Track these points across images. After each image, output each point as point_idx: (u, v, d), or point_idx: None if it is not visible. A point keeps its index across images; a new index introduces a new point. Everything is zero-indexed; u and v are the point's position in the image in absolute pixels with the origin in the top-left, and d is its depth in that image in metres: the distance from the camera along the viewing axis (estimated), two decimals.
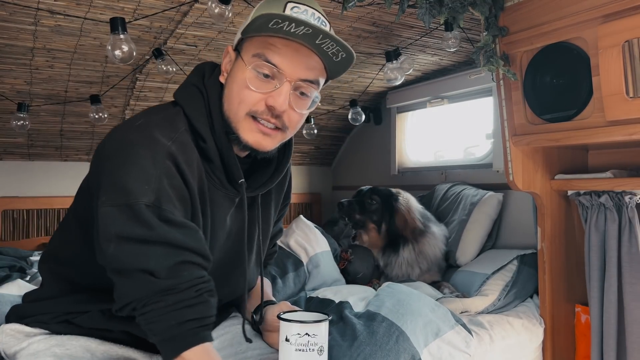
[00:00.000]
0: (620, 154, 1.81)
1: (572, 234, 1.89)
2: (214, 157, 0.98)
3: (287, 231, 2.27)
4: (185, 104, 1.00)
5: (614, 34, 1.35)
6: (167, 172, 0.91)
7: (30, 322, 1.04)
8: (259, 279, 1.29)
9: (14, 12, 1.76)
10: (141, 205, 0.87)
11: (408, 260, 2.22)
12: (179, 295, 0.86)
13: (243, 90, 0.95)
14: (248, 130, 0.97)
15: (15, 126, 2.45)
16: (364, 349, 1.36)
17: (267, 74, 0.94)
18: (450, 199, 2.58)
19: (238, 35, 0.99)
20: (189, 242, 0.90)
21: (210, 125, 0.98)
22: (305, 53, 0.95)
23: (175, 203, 0.91)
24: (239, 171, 1.00)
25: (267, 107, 0.95)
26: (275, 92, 0.94)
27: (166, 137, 0.93)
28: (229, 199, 1.03)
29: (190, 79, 1.04)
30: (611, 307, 1.63)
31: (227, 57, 1.01)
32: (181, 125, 0.97)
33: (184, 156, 0.93)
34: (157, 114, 1.00)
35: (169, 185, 0.90)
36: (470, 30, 2.05)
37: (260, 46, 0.94)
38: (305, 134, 3.09)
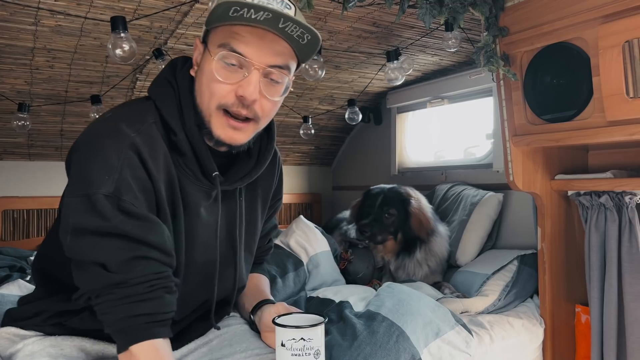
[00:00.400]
0: (621, 154, 1.82)
1: (572, 234, 1.89)
2: (186, 150, 0.97)
3: (287, 231, 2.27)
4: (156, 97, 0.99)
5: (614, 34, 1.35)
6: (130, 163, 0.90)
7: (25, 325, 1.04)
8: (256, 278, 1.29)
9: (14, 12, 1.76)
10: (99, 195, 0.87)
11: (419, 259, 2.21)
12: (130, 290, 0.87)
13: (212, 83, 0.94)
14: (219, 126, 0.96)
15: (16, 126, 2.46)
16: (364, 349, 1.36)
17: (234, 64, 0.92)
18: (451, 199, 2.58)
19: (204, 27, 0.97)
20: (147, 235, 0.89)
21: (181, 118, 0.97)
22: (271, 38, 0.93)
23: (137, 194, 0.90)
24: (212, 164, 0.99)
25: (237, 98, 0.93)
26: (244, 81, 0.92)
27: (131, 129, 0.92)
28: (204, 192, 1.02)
29: (162, 73, 1.03)
30: (611, 307, 1.63)
31: (197, 50, 0.99)
32: (150, 117, 0.96)
33: (148, 148, 0.92)
34: (128, 107, 1.00)
35: (131, 176, 0.90)
36: (470, 30, 2.05)
37: (224, 36, 0.92)
38: (302, 134, 3.10)
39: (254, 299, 1.20)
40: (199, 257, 1.04)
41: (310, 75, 2.01)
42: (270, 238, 1.34)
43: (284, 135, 3.51)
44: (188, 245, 1.01)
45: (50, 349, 0.98)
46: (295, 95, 3.04)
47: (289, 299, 1.83)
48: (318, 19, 1.96)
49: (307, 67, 2.01)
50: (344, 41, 2.22)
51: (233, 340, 1.11)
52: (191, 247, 1.02)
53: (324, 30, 2.08)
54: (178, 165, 0.98)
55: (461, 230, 2.35)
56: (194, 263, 1.04)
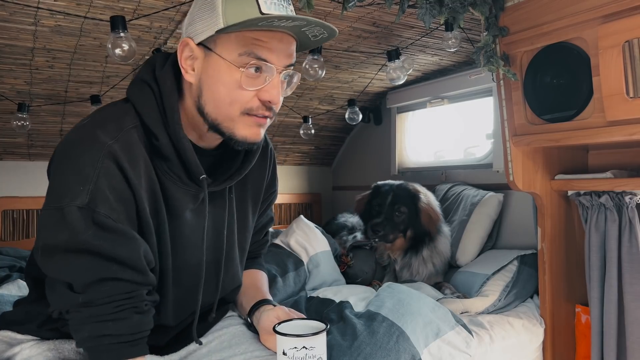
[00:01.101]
0: (621, 154, 1.82)
1: (572, 234, 1.89)
2: (169, 155, 0.94)
3: (288, 231, 2.27)
4: (135, 101, 0.96)
5: (614, 34, 1.35)
6: (106, 172, 0.87)
7: (21, 330, 1.03)
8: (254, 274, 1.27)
9: (14, 12, 1.75)
10: (73, 207, 0.84)
11: (424, 257, 2.21)
12: (95, 309, 0.86)
13: (235, 92, 0.91)
14: (245, 126, 0.94)
15: (16, 126, 2.46)
16: (364, 349, 1.36)
17: (257, 68, 0.91)
18: (451, 199, 2.58)
19: (206, 31, 0.91)
20: (119, 252, 0.86)
21: (164, 121, 0.94)
22: (287, 40, 0.93)
23: (114, 205, 0.87)
24: (199, 167, 0.96)
25: (261, 102, 0.93)
26: (268, 86, 0.92)
27: (108, 136, 0.89)
28: (191, 196, 1.00)
29: (140, 74, 1.00)
30: (611, 307, 1.63)
31: (187, 52, 0.94)
32: (129, 122, 0.93)
33: (127, 155, 0.89)
34: (106, 111, 0.97)
35: (108, 186, 0.87)
36: (470, 30, 2.05)
37: (244, 43, 0.89)
38: (302, 134, 3.09)
39: (252, 298, 1.19)
40: (189, 260, 1.02)
41: (311, 75, 2.01)
42: (266, 232, 1.32)
43: (284, 135, 3.51)
44: (175, 250, 0.99)
45: (48, 352, 0.98)
46: (295, 95, 3.04)
47: (289, 299, 1.83)
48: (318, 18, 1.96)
49: (308, 67, 2.00)
50: (343, 41, 2.22)
51: (232, 342, 1.11)
52: (179, 251, 1.00)
53: None
54: (162, 170, 0.95)
55: (461, 231, 2.35)
56: (184, 267, 1.02)
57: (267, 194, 1.23)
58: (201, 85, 0.94)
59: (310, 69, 2.00)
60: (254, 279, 1.27)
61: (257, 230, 1.26)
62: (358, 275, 2.23)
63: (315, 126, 3.16)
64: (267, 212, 1.28)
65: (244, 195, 1.15)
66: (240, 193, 1.14)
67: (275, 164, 1.24)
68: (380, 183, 2.39)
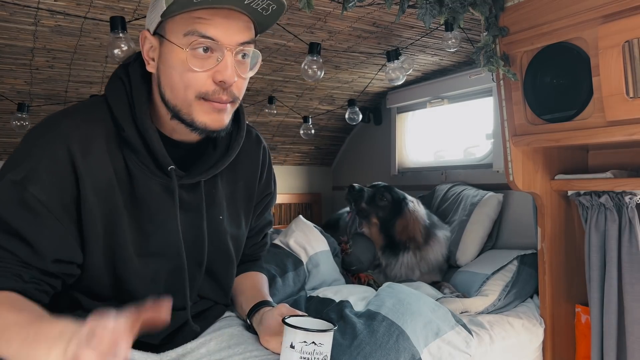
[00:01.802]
0: (621, 154, 1.82)
1: (572, 234, 1.89)
2: (137, 145, 0.95)
3: (287, 231, 2.27)
4: (108, 94, 0.98)
5: (614, 34, 1.35)
6: (52, 155, 0.89)
7: None
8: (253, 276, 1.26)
9: (14, 12, 1.76)
10: (7, 180, 0.88)
11: (408, 263, 2.23)
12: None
13: (185, 74, 0.90)
14: (203, 113, 0.93)
15: (15, 126, 2.46)
16: (364, 348, 1.36)
17: (206, 48, 0.89)
18: (451, 199, 2.58)
19: (155, 19, 0.91)
20: (25, 232, 0.88)
21: (132, 112, 0.95)
22: (235, 16, 0.90)
23: (47, 188, 0.89)
24: (166, 157, 0.96)
25: (216, 85, 0.91)
26: (219, 65, 0.89)
27: (71, 125, 0.92)
28: (163, 186, 0.99)
29: (115, 70, 1.02)
30: (611, 307, 1.63)
31: (147, 44, 0.94)
32: (99, 115, 0.95)
33: (81, 146, 0.91)
34: (81, 104, 1.01)
35: (48, 169, 0.89)
36: (470, 30, 2.05)
37: (187, 23, 0.88)
38: (302, 134, 3.09)
39: (252, 299, 1.17)
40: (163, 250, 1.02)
41: (310, 75, 2.01)
42: (265, 234, 1.31)
43: (284, 135, 3.51)
44: (141, 240, 0.99)
45: None
46: (295, 96, 3.04)
47: (289, 299, 1.83)
48: (318, 19, 1.96)
49: (307, 68, 2.00)
50: (343, 41, 2.22)
51: (231, 342, 1.10)
52: (145, 241, 1.00)
53: (323, 30, 2.08)
54: (132, 161, 0.96)
55: (461, 231, 2.35)
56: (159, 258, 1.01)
57: (263, 195, 1.21)
58: (159, 74, 0.95)
59: (309, 70, 2.00)
60: (254, 280, 1.26)
61: (255, 233, 1.25)
62: (353, 264, 2.24)
63: (315, 126, 3.16)
64: (265, 215, 1.26)
65: (235, 191, 1.14)
66: (231, 190, 1.13)
67: (270, 164, 1.22)
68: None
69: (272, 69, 2.58)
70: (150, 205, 0.99)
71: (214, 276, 1.13)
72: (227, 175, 1.11)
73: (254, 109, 3.11)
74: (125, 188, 0.97)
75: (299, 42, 2.12)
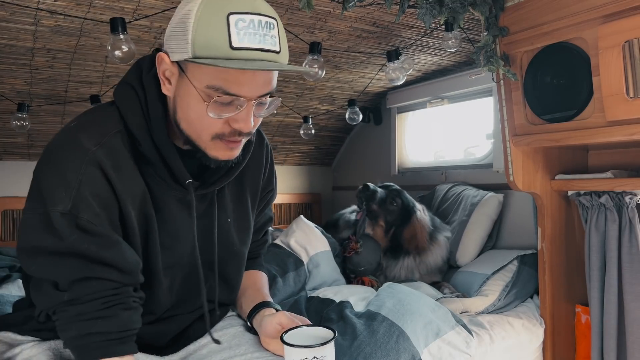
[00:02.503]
0: (621, 154, 1.82)
1: (572, 234, 1.89)
2: (153, 160, 0.94)
3: (288, 231, 2.27)
4: (120, 104, 0.95)
5: (614, 34, 1.35)
6: (89, 178, 0.87)
7: (21, 330, 1.03)
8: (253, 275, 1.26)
9: (14, 12, 1.75)
10: (55, 213, 0.85)
11: (408, 266, 2.24)
12: (82, 307, 0.86)
13: (204, 119, 0.89)
14: (216, 149, 0.93)
15: (16, 126, 2.46)
16: (364, 349, 1.36)
17: (226, 102, 0.88)
18: (451, 199, 2.58)
19: (177, 53, 0.88)
20: (104, 254, 0.87)
21: (148, 126, 0.93)
22: (261, 73, 0.89)
23: (97, 211, 0.88)
24: (184, 172, 0.96)
25: (232, 129, 0.91)
26: (239, 115, 0.89)
27: (93, 142, 0.89)
28: (179, 198, 1.00)
29: (127, 77, 0.99)
30: (611, 307, 1.63)
31: (164, 66, 0.91)
32: (113, 127, 0.92)
33: (111, 161, 0.90)
34: (92, 114, 0.97)
35: (90, 193, 0.87)
36: (470, 30, 2.05)
37: (213, 77, 0.86)
38: (302, 134, 3.09)
39: (252, 300, 1.18)
40: (179, 260, 1.02)
41: (311, 75, 2.01)
42: (265, 231, 1.31)
43: (284, 135, 3.51)
44: (164, 250, 1.00)
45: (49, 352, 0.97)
46: (295, 96, 3.04)
47: (289, 299, 1.83)
48: (318, 19, 1.96)
49: (308, 67, 2.00)
50: (343, 41, 2.22)
51: (232, 343, 1.11)
52: (168, 252, 1.00)
53: (323, 30, 2.08)
54: (148, 173, 0.95)
55: (461, 231, 2.35)
56: (175, 267, 1.03)
57: (265, 192, 1.22)
58: (175, 103, 0.93)
59: (311, 69, 2.00)
60: (254, 279, 1.26)
61: (256, 230, 1.25)
62: (361, 265, 2.23)
63: (315, 126, 3.16)
64: (266, 211, 1.27)
65: (241, 192, 1.14)
66: (237, 191, 1.13)
67: (272, 161, 1.23)
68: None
69: None
70: (167, 218, 0.99)
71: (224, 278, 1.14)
72: (235, 177, 1.12)
73: None
74: (145, 199, 0.96)
75: (299, 42, 2.12)
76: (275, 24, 0.88)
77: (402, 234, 2.24)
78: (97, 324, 0.86)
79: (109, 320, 0.87)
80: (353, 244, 2.27)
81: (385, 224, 2.28)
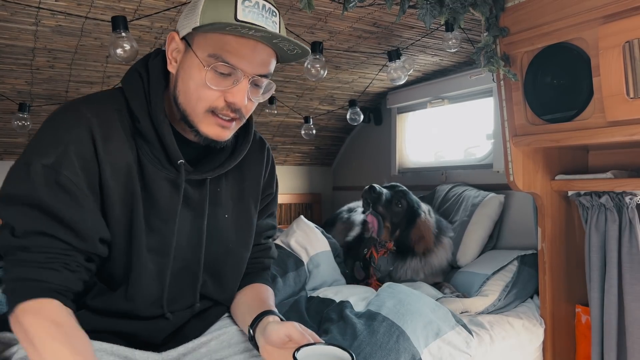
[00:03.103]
0: (621, 155, 1.82)
1: (572, 235, 1.89)
2: (150, 137, 0.99)
3: (288, 231, 2.27)
4: (125, 87, 1.02)
5: (615, 34, 1.36)
6: (78, 139, 0.93)
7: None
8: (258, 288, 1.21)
9: (15, 12, 1.76)
10: (38, 164, 0.90)
11: (414, 268, 2.21)
12: (28, 255, 0.90)
13: (201, 89, 0.95)
14: (208, 124, 0.98)
15: (17, 126, 2.46)
16: (364, 348, 1.37)
17: (224, 72, 0.95)
18: (452, 200, 2.58)
19: (187, 27, 0.96)
20: (68, 214, 0.91)
21: (148, 105, 0.99)
22: (261, 49, 0.95)
23: (78, 171, 0.92)
24: (177, 152, 1.00)
25: (226, 103, 0.96)
26: (234, 88, 0.95)
27: (91, 111, 0.96)
28: (170, 180, 1.02)
29: (134, 65, 1.06)
30: (612, 308, 1.63)
31: (174, 45, 0.99)
32: (115, 105, 0.99)
33: (102, 130, 0.95)
34: (97, 94, 1.05)
35: (76, 152, 0.92)
36: (470, 30, 2.05)
37: (215, 46, 0.93)
38: (303, 134, 3.10)
39: (256, 308, 1.11)
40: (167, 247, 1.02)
41: (312, 74, 2.01)
42: (267, 237, 1.28)
43: (284, 135, 3.51)
44: (151, 234, 1.01)
45: None
46: (295, 96, 3.05)
47: (290, 299, 1.83)
48: (318, 19, 1.96)
49: (309, 67, 2.00)
50: (344, 41, 2.22)
51: (232, 342, 1.10)
52: (155, 235, 1.01)
53: (324, 30, 2.08)
54: (144, 152, 1.00)
55: (462, 232, 2.35)
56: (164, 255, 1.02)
57: (264, 194, 1.22)
58: (177, 77, 0.99)
59: (312, 69, 2.00)
60: (258, 291, 1.20)
61: (257, 234, 1.23)
62: (388, 267, 2.20)
63: (315, 126, 3.16)
64: (268, 219, 1.26)
65: (242, 191, 1.15)
66: (238, 190, 1.14)
67: (273, 165, 1.24)
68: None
69: None
70: (159, 200, 1.01)
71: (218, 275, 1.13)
72: (234, 176, 1.13)
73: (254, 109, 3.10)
74: (137, 176, 0.99)
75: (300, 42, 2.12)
76: (278, 15, 0.97)
77: (408, 236, 2.21)
78: (39, 272, 0.89)
79: (50, 272, 0.90)
80: (389, 243, 2.21)
81: (391, 225, 2.25)
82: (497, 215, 2.35)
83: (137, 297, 1.02)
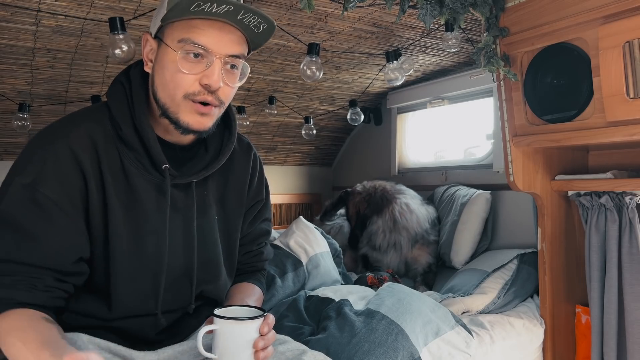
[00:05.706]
0: (621, 155, 1.82)
1: (572, 235, 1.89)
2: (133, 143, 1.00)
3: (287, 232, 2.27)
4: (108, 97, 1.05)
5: (615, 34, 1.36)
6: (56, 155, 0.94)
7: None
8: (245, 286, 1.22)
9: (15, 12, 1.76)
10: (17, 184, 0.92)
11: (383, 228, 2.44)
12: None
13: (176, 75, 0.97)
14: (187, 112, 1.00)
15: (16, 126, 2.46)
16: (362, 345, 1.36)
17: (197, 54, 0.97)
18: (446, 200, 2.59)
19: (157, 23, 1.00)
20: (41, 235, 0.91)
21: (131, 112, 1.01)
22: (229, 29, 0.98)
23: (56, 188, 0.93)
24: (161, 155, 1.01)
25: (202, 87, 0.98)
26: (207, 71, 0.97)
27: (68, 126, 0.98)
28: (156, 185, 1.03)
29: (117, 76, 1.08)
30: (611, 308, 1.63)
31: (148, 46, 1.03)
32: (95, 116, 1.01)
33: (82, 142, 0.97)
34: (82, 109, 1.07)
35: (54, 169, 0.94)
36: (470, 31, 2.05)
37: (183, 31, 0.96)
38: (304, 134, 3.09)
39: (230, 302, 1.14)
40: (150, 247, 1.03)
41: (308, 76, 2.01)
42: (260, 243, 1.28)
43: (284, 135, 3.51)
44: (133, 235, 1.01)
45: None
46: (295, 96, 3.05)
47: (288, 298, 1.83)
48: (318, 19, 1.96)
49: (305, 68, 2.00)
50: (344, 41, 2.22)
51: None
52: (138, 238, 1.01)
53: (324, 30, 2.08)
54: (129, 159, 1.01)
55: (452, 232, 2.36)
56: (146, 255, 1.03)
57: (253, 201, 1.22)
58: (154, 73, 1.02)
59: (308, 70, 2.00)
60: (245, 289, 1.22)
61: (248, 241, 1.23)
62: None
63: (315, 126, 3.16)
64: (262, 224, 1.26)
65: (224, 196, 1.15)
66: (220, 194, 1.15)
67: (262, 171, 1.25)
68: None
69: (272, 69, 2.58)
70: (146, 204, 1.02)
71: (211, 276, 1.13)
72: (218, 180, 1.14)
73: (254, 109, 3.11)
74: (121, 184, 1.00)
75: (300, 43, 2.12)
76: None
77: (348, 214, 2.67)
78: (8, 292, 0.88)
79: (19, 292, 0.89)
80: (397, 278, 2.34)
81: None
82: (485, 212, 2.35)
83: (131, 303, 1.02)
